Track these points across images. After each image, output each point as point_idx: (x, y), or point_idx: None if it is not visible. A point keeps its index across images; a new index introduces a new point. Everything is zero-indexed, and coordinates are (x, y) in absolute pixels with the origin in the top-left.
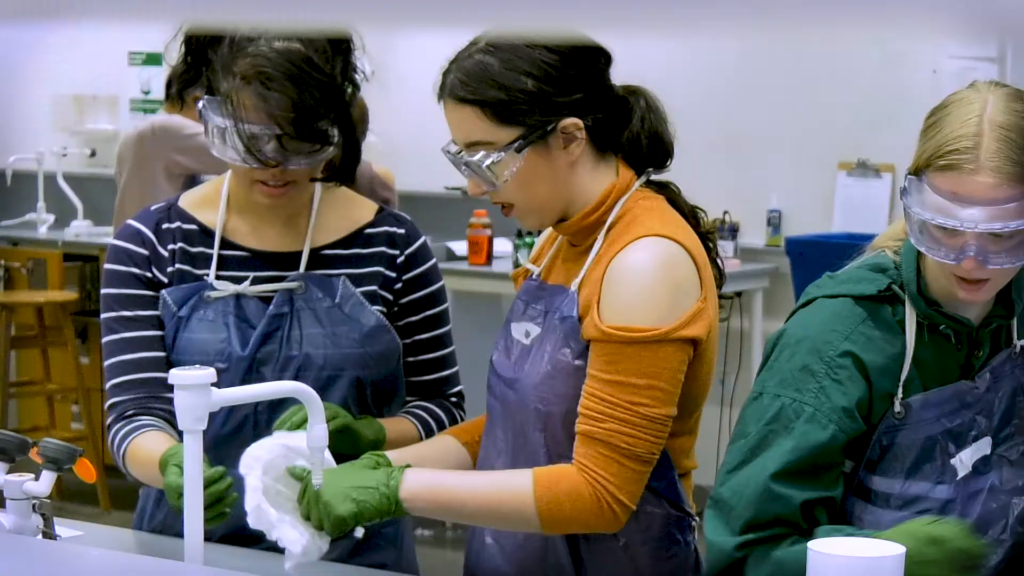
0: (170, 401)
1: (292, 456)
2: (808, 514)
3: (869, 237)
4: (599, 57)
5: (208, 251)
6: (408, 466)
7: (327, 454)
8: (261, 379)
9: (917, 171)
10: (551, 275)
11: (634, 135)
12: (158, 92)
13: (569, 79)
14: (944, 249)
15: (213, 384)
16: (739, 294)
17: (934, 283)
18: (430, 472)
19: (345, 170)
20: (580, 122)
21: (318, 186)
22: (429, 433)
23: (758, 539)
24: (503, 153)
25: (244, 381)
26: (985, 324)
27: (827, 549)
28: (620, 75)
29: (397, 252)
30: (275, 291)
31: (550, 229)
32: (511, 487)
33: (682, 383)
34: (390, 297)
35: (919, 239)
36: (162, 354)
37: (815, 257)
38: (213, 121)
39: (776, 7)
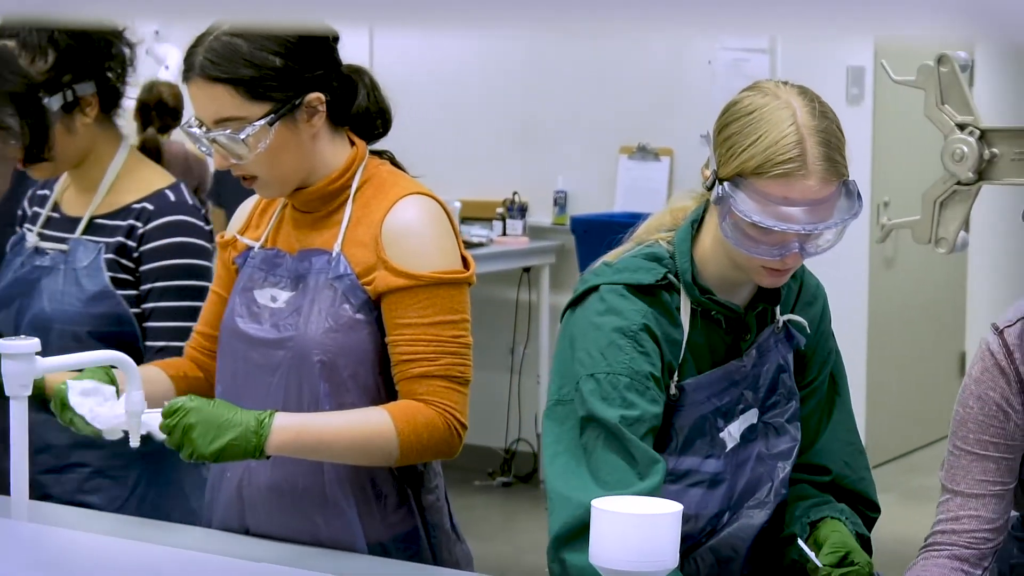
0: None
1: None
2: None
3: (648, 216)
4: (331, 36)
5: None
6: (275, 412)
7: (145, 418)
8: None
9: (739, 176)
10: (278, 243)
11: (362, 109)
12: None
13: (311, 56)
14: (764, 247)
15: (38, 353)
16: (528, 269)
17: (707, 273)
18: (296, 416)
19: (32, 153)
20: (322, 96)
21: (114, 162)
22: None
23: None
24: (255, 127)
25: None
26: (752, 307)
27: (608, 507)
28: (417, 66)
29: (140, 224)
30: (53, 248)
31: (250, 203)
32: (373, 424)
33: None
34: (131, 266)
35: (739, 240)
36: None
37: (598, 235)
38: None
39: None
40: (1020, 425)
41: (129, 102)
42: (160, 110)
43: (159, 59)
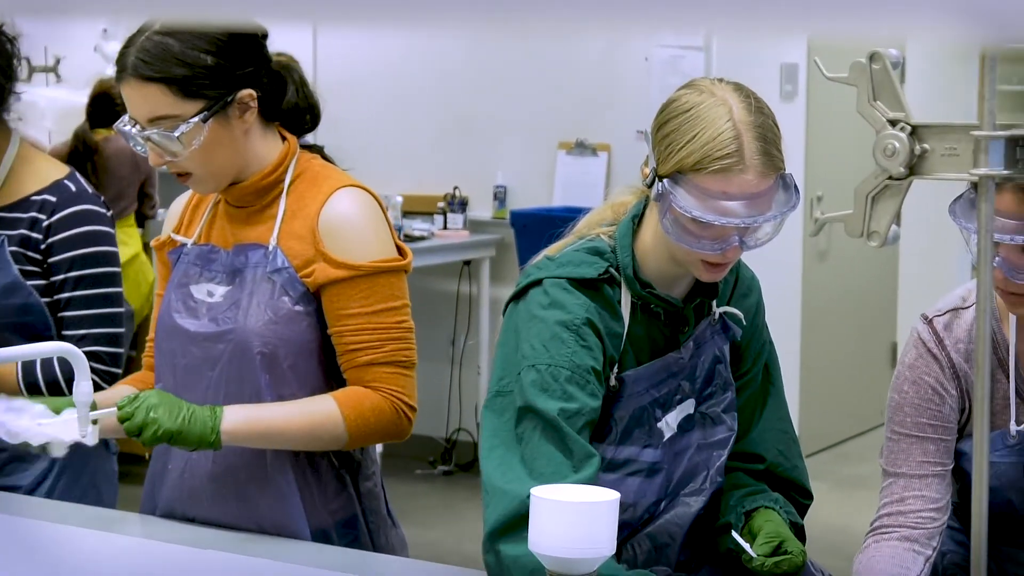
0: None
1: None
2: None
3: (587, 211)
4: (260, 33)
5: None
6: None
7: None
8: None
9: (678, 173)
10: (212, 238)
11: (292, 105)
12: None
13: (241, 53)
14: (705, 241)
15: None
16: (468, 262)
17: (648, 267)
18: (245, 407)
19: None
20: (253, 92)
21: (6, 156)
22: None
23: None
24: (190, 124)
25: None
26: (690, 300)
27: (548, 495)
28: (360, 63)
29: (44, 216)
30: None
31: (182, 200)
32: (322, 412)
33: None
34: (38, 257)
35: (679, 235)
36: None
37: (537, 228)
38: None
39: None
40: (954, 408)
41: (32, 98)
42: (109, 106)
43: (108, 57)
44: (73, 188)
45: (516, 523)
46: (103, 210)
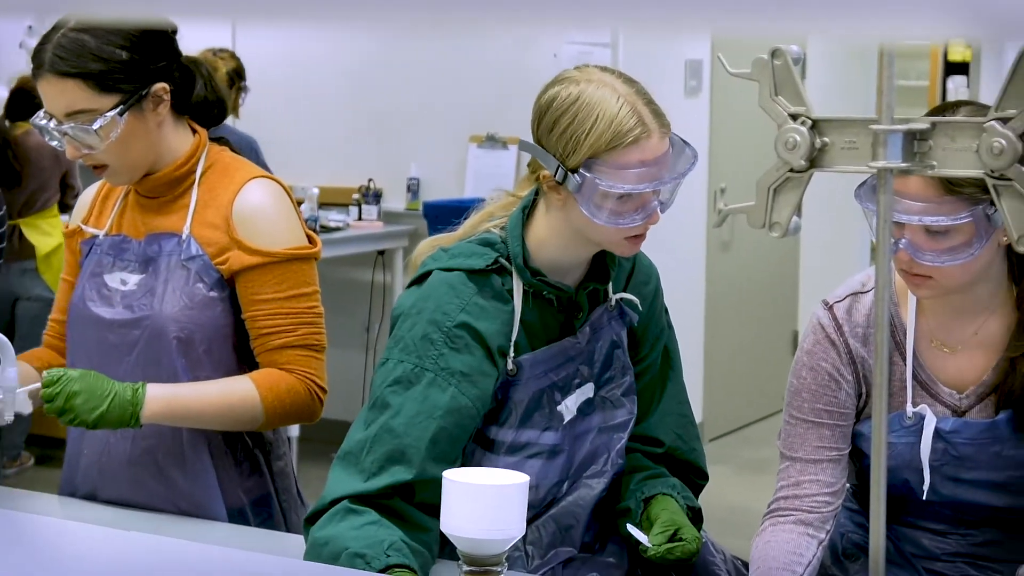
0: None
1: None
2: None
3: (483, 203)
4: (170, 29)
5: None
6: (145, 383)
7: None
8: None
9: (592, 159)
10: (123, 228)
11: (201, 98)
12: None
13: (154, 48)
14: (630, 215)
15: None
16: (382, 252)
17: (541, 257)
18: (166, 386)
19: None
20: (166, 86)
21: None
22: None
23: (381, 488)
24: (106, 118)
25: None
26: (583, 288)
27: (459, 478)
28: (278, 59)
29: None
30: None
31: (92, 191)
32: (239, 392)
33: None
34: None
35: (607, 217)
36: None
37: (449, 219)
38: None
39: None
40: (851, 394)
41: None
42: (28, 100)
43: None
44: None
45: (321, 511)
46: None
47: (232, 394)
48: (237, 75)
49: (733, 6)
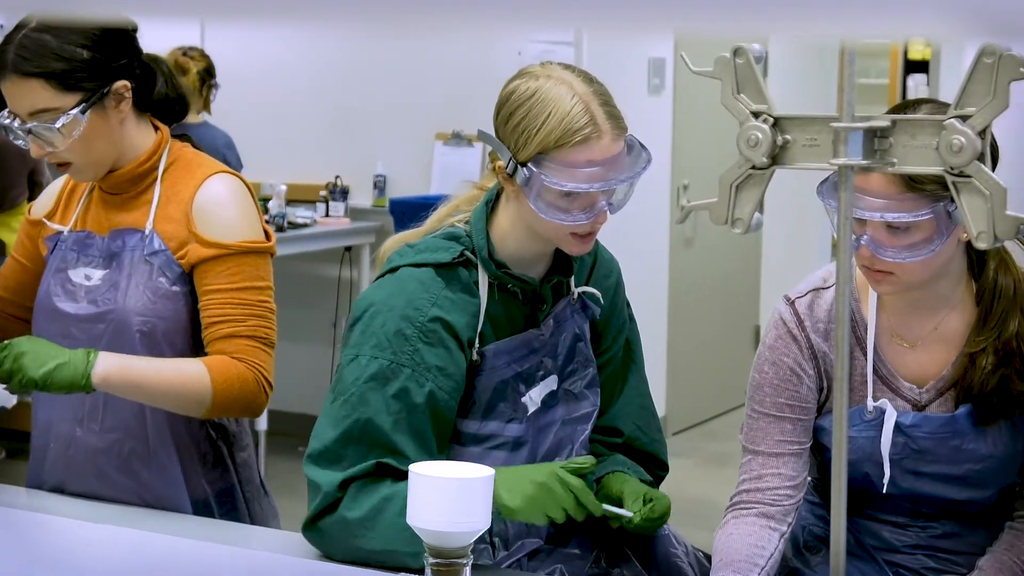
0: None
1: None
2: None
3: (448, 198)
4: (131, 27)
5: None
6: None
7: None
8: None
9: (541, 154)
10: (88, 225)
11: (162, 95)
12: None
13: (115, 47)
14: (576, 214)
15: None
16: (349, 248)
17: (505, 250)
18: (119, 356)
19: None
20: (128, 83)
21: None
22: None
23: (361, 474)
24: (69, 116)
25: None
26: (547, 280)
27: (425, 471)
28: (246, 57)
29: None
30: None
31: (57, 186)
32: (191, 372)
33: None
34: None
35: (552, 213)
36: None
37: (415, 216)
38: None
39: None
40: (812, 388)
41: None
42: None
43: None
44: None
45: (326, 510)
46: None
47: (184, 373)
48: (208, 73)
49: (696, 5)
